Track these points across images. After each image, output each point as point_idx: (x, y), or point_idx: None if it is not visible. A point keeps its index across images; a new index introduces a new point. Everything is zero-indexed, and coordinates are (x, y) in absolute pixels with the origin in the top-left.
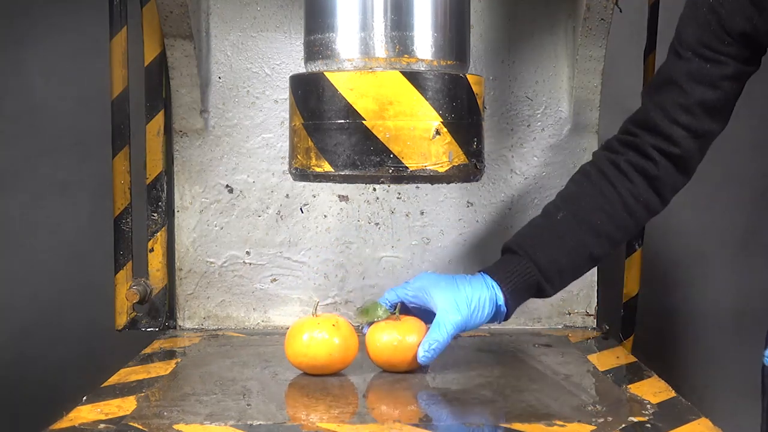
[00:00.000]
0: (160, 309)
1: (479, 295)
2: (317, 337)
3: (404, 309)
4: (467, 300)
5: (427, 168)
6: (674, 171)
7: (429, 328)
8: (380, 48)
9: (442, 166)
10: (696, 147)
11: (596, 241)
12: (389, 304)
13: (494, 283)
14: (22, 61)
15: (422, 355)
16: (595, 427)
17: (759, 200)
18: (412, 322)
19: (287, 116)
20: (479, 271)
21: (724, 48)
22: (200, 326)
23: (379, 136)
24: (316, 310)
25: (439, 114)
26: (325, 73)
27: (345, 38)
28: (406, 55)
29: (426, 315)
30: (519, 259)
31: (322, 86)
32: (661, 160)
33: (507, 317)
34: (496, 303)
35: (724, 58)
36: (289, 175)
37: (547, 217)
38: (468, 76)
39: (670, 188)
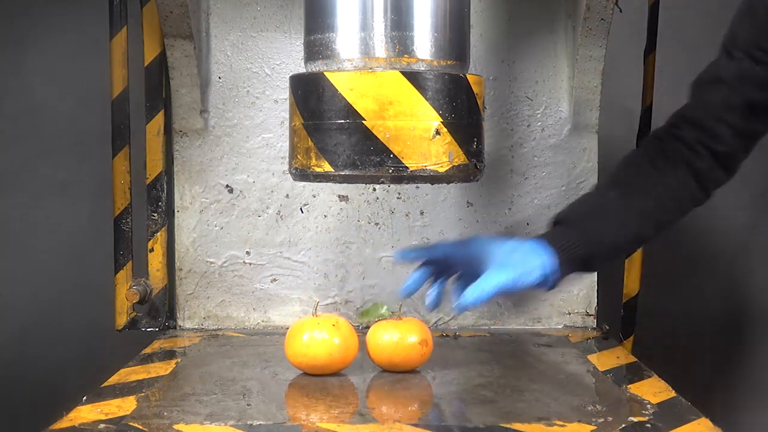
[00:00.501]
0: (160, 309)
1: (529, 261)
2: (317, 337)
3: (454, 253)
4: (517, 263)
5: (427, 168)
6: (717, 167)
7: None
8: (380, 48)
9: (442, 166)
10: (740, 146)
11: (643, 224)
12: (439, 251)
13: (546, 252)
14: (22, 61)
15: (461, 302)
16: (595, 427)
17: (759, 200)
18: (413, 322)
19: (287, 116)
20: (532, 239)
21: None
22: (200, 326)
23: (379, 136)
24: (316, 310)
25: (439, 114)
26: (325, 73)
27: (345, 38)
28: (406, 55)
29: (470, 270)
30: (569, 230)
31: (322, 86)
32: (706, 155)
33: (552, 287)
34: (545, 271)
35: None
36: (289, 175)
37: (599, 196)
38: (468, 76)
39: (714, 183)
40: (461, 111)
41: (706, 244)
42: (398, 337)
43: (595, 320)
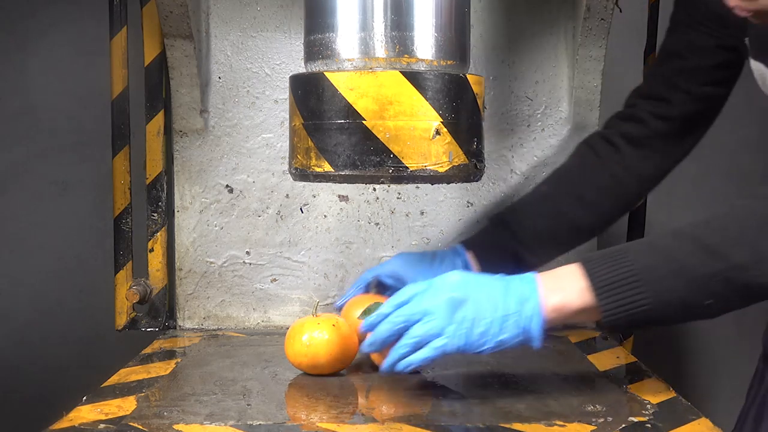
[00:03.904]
0: (160, 309)
1: (450, 263)
2: (317, 337)
3: (382, 287)
4: (437, 270)
5: (427, 168)
6: (669, 135)
7: None
8: (380, 48)
9: (442, 166)
10: (695, 110)
11: (581, 212)
12: (365, 283)
13: (463, 251)
14: (22, 61)
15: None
16: (595, 427)
17: None
18: None
19: (287, 116)
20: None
21: (714, 24)
22: (200, 326)
23: (379, 136)
24: (316, 310)
25: (439, 114)
26: (325, 73)
27: (345, 38)
28: (406, 55)
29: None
30: (495, 226)
31: (322, 86)
32: (654, 124)
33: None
34: (467, 269)
35: (716, 33)
36: (289, 175)
37: (531, 193)
38: (468, 76)
39: (664, 156)
40: (461, 111)
41: None
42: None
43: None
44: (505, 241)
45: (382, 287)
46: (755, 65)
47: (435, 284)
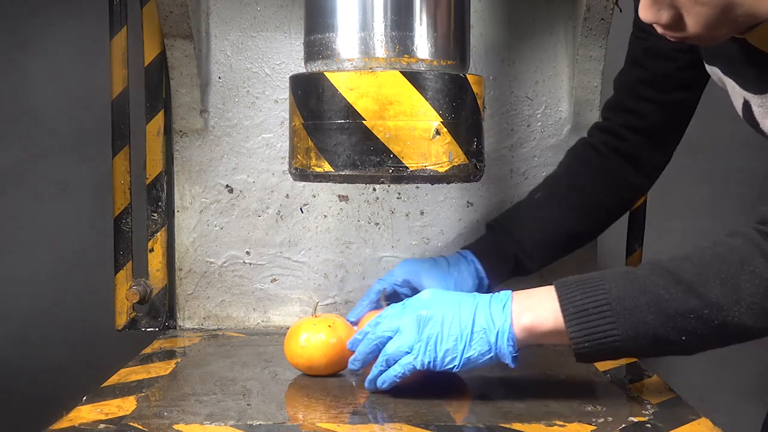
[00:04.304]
0: (160, 309)
1: (460, 269)
2: (314, 339)
3: (397, 297)
4: (451, 276)
5: (427, 168)
6: (648, 146)
7: None
8: (380, 48)
9: (442, 166)
10: (667, 119)
11: (574, 218)
12: (377, 295)
13: (474, 257)
14: (22, 62)
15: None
16: (595, 427)
17: (759, 200)
18: None
19: (287, 116)
20: (460, 249)
21: None
22: (200, 326)
23: (379, 136)
24: (315, 310)
25: (439, 114)
26: (325, 73)
27: (345, 38)
28: (406, 55)
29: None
30: (496, 233)
31: (322, 86)
32: (632, 137)
33: (490, 290)
34: (477, 275)
35: None
36: (289, 175)
37: (527, 199)
38: (468, 76)
39: (651, 165)
40: (461, 111)
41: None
42: None
43: None
44: (505, 247)
45: (397, 298)
46: (710, 69)
47: (408, 302)
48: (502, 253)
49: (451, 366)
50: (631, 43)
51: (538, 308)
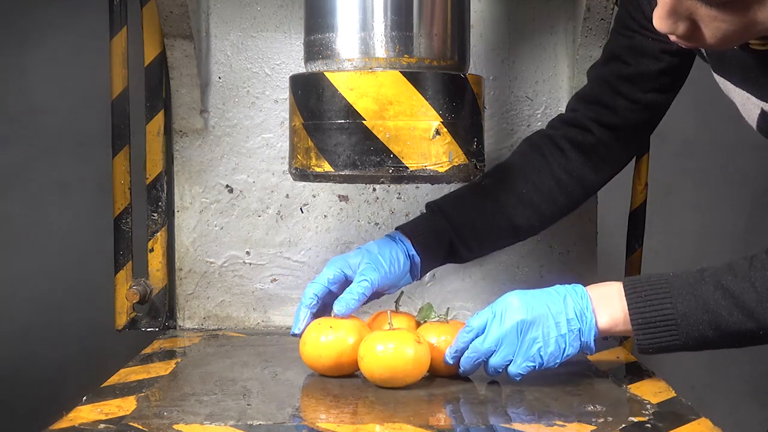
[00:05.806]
0: (160, 309)
1: (390, 250)
2: (330, 339)
3: (329, 297)
4: (384, 260)
5: (427, 168)
6: (614, 143)
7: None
8: (380, 48)
9: (442, 166)
10: (639, 119)
11: (520, 210)
12: (314, 301)
13: (403, 237)
14: (22, 62)
15: (337, 309)
16: (595, 427)
17: (759, 200)
18: (457, 325)
19: (287, 116)
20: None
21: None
22: (200, 326)
23: (379, 136)
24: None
25: (439, 114)
26: (325, 73)
27: (345, 38)
28: (406, 55)
29: None
30: (433, 215)
31: (322, 86)
32: (598, 132)
33: (422, 273)
34: (407, 254)
35: (661, 36)
36: (289, 175)
37: (474, 184)
38: (468, 76)
39: (610, 164)
40: (461, 111)
41: (705, 244)
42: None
43: None
44: (441, 230)
45: (331, 297)
46: (717, 78)
47: (498, 311)
48: (437, 237)
49: (552, 365)
50: (612, 39)
51: (612, 309)
